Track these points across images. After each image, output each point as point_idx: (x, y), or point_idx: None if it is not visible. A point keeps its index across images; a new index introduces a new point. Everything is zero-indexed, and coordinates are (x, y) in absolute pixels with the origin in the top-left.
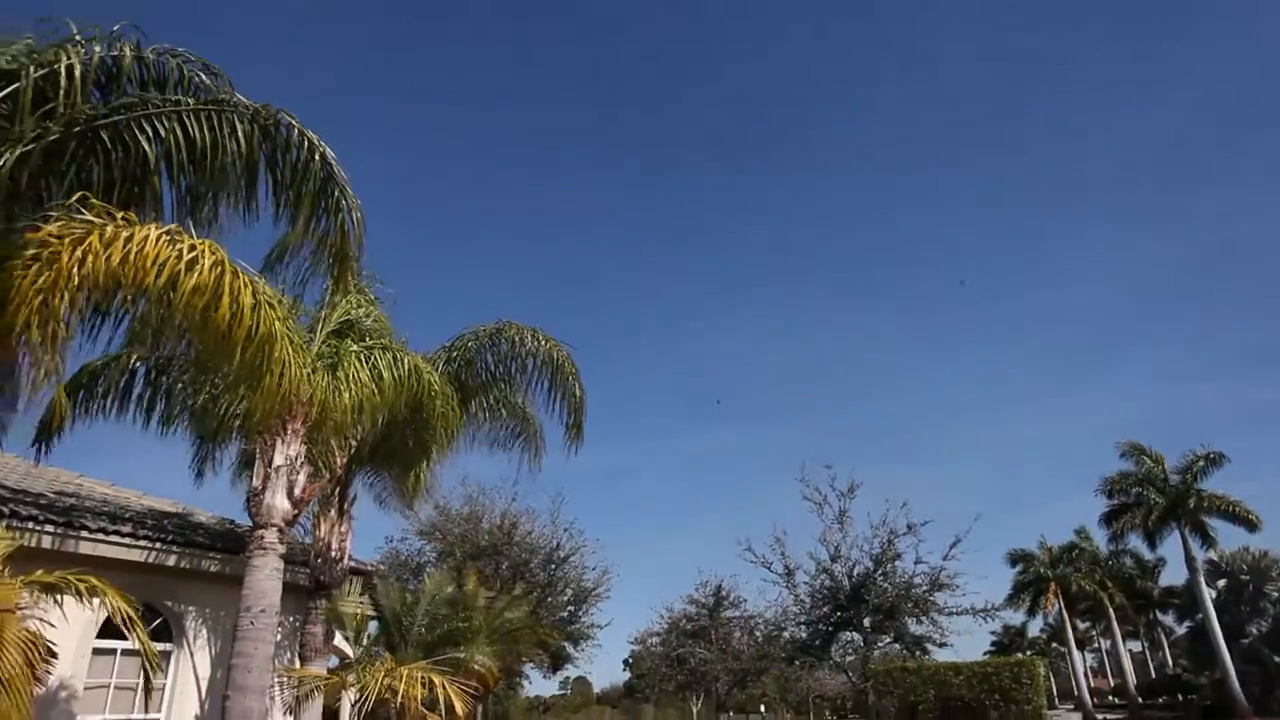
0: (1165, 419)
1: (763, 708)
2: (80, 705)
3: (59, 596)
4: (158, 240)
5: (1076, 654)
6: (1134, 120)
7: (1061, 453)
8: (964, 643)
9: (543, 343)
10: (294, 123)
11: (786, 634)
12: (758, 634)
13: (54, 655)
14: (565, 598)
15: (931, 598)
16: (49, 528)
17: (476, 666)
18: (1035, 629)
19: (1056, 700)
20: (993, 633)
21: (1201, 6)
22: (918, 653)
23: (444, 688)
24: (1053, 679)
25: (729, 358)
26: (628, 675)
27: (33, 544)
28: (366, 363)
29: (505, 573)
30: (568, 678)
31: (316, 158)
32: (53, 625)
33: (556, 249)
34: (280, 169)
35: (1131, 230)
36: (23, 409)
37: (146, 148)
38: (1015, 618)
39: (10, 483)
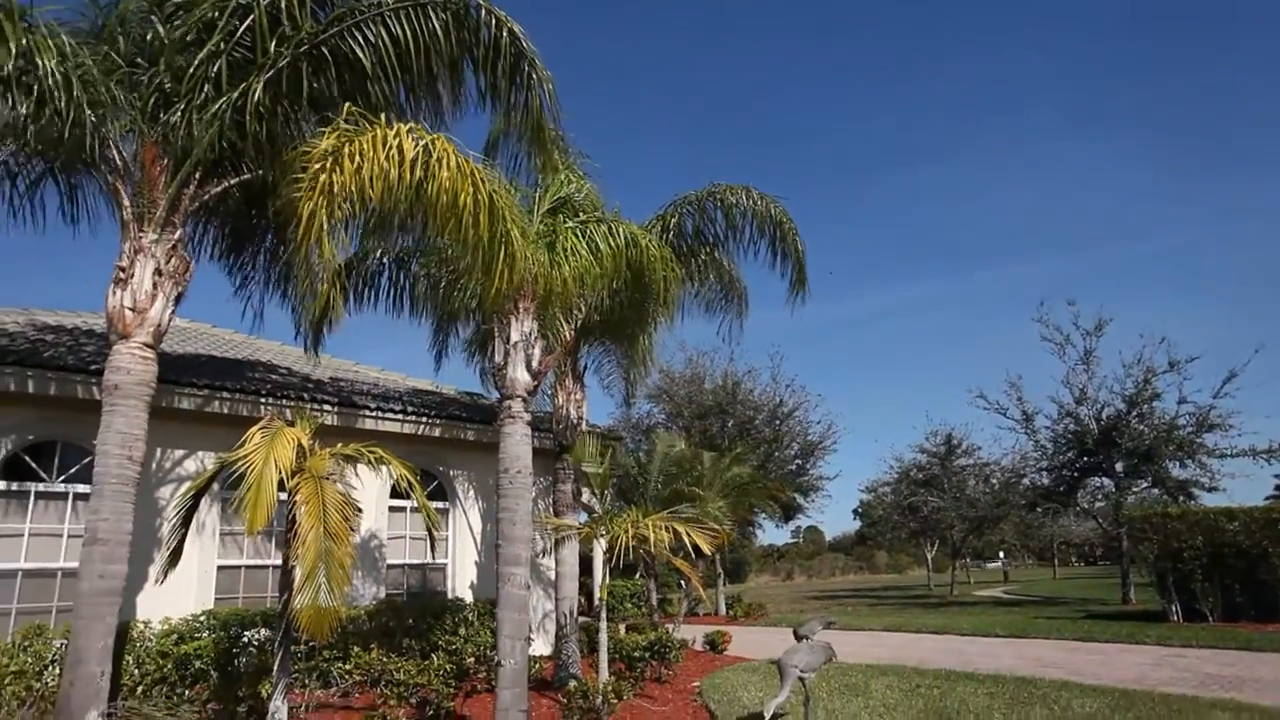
0: None
1: (1001, 554)
2: (385, 553)
3: (355, 465)
4: (410, 141)
5: None
6: None
7: None
8: (1240, 487)
9: (756, 200)
10: (481, 3)
11: (1026, 481)
12: (994, 481)
13: (360, 512)
14: (792, 452)
15: (1199, 439)
16: (338, 409)
17: (712, 518)
18: None
19: None
20: (1277, 475)
21: None
22: (1181, 498)
23: (686, 534)
24: None
25: (947, 201)
26: (859, 524)
27: (327, 423)
28: (583, 237)
29: (731, 430)
30: (799, 527)
31: (505, 34)
32: (355, 488)
33: (756, 106)
34: (475, 51)
35: None
36: (306, 301)
37: (362, 56)
38: None
39: (301, 372)
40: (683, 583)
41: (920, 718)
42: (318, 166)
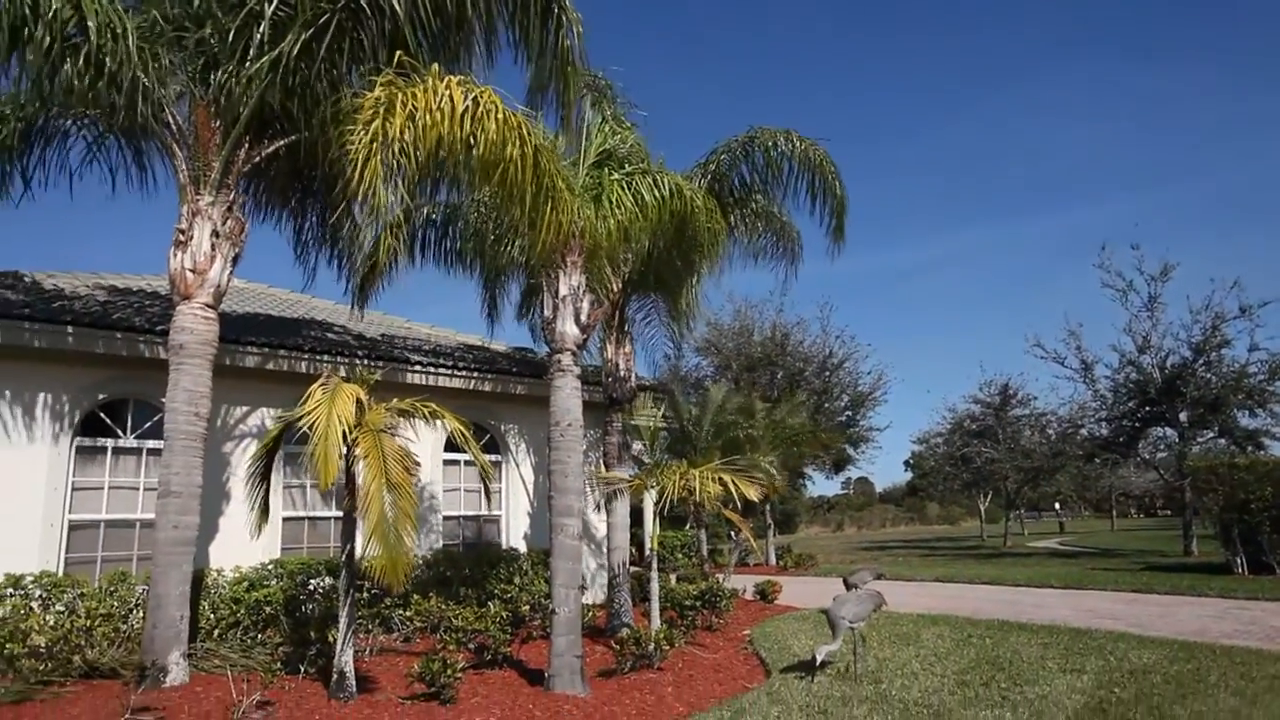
0: None
1: (1057, 505)
2: (441, 505)
3: (411, 420)
4: (459, 91)
5: None
6: None
7: None
8: None
9: (797, 144)
10: None
11: (1084, 431)
12: (1050, 432)
13: (418, 464)
14: (842, 403)
15: (1271, 387)
16: (392, 365)
17: (761, 471)
18: None
19: None
20: None
21: None
22: (1250, 448)
23: (735, 484)
24: None
25: (1003, 144)
26: (910, 476)
27: (381, 379)
28: (629, 189)
29: (781, 382)
30: (849, 479)
31: None
32: (411, 442)
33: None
34: None
35: None
36: (356, 258)
37: (396, 5)
38: None
39: (355, 330)
40: (733, 534)
41: (972, 667)
42: (370, 114)
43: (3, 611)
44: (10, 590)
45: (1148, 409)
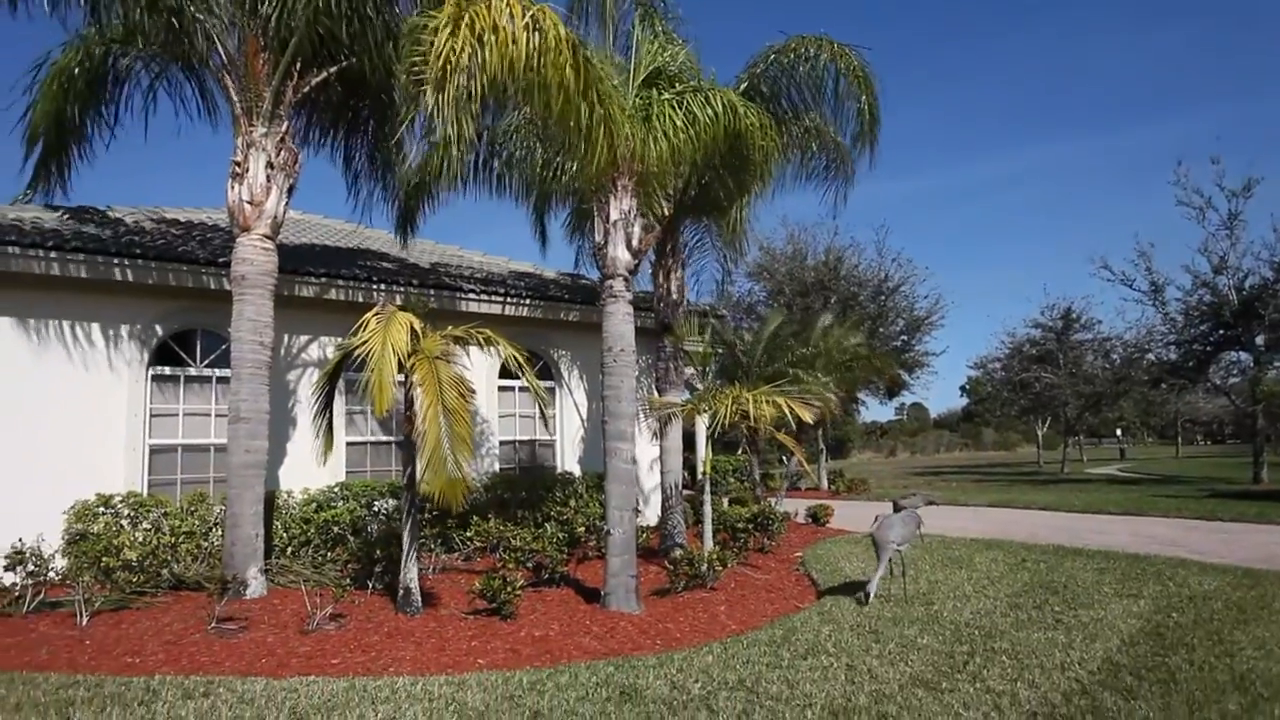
0: None
1: (1119, 431)
2: (496, 430)
3: (465, 347)
4: (519, 8)
5: None
6: None
7: None
8: None
9: (834, 52)
10: None
11: (1150, 356)
12: (1114, 357)
13: (473, 391)
14: (897, 328)
15: None
16: (444, 293)
17: (815, 394)
18: None
19: None
20: None
21: None
22: None
23: (788, 407)
24: None
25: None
26: (965, 401)
27: (435, 307)
28: (680, 109)
29: (834, 307)
30: (903, 404)
31: None
32: (466, 369)
33: None
34: None
35: None
36: (404, 186)
37: None
38: None
39: (408, 259)
40: (784, 458)
41: (1025, 590)
42: (443, 32)
43: (97, 528)
44: (102, 509)
45: (1221, 332)
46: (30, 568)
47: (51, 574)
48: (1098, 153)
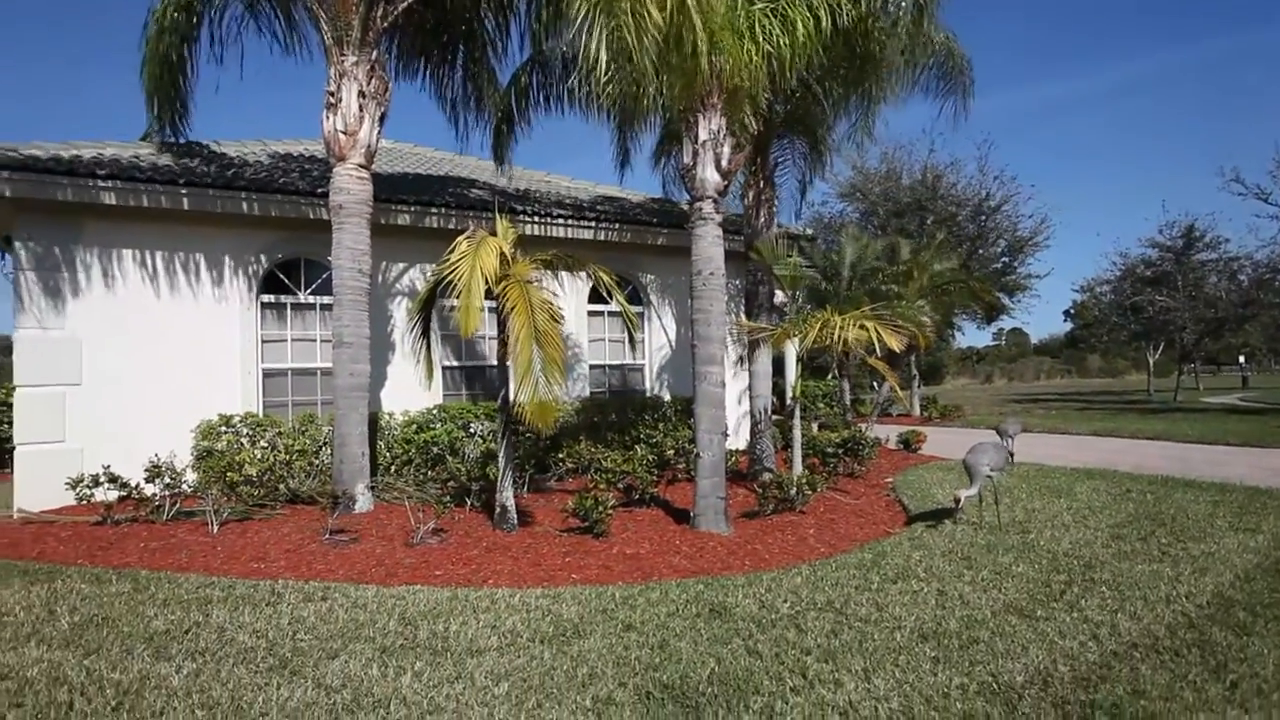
0: None
1: (1241, 359)
2: (587, 354)
3: (555, 271)
4: None
5: None
6: None
7: None
8: None
9: None
10: None
11: None
12: (1242, 278)
13: (563, 316)
14: (998, 249)
15: None
16: (534, 219)
17: (909, 319)
18: None
19: None
20: None
21: None
22: None
23: (878, 331)
24: None
25: None
26: (1069, 326)
27: (525, 232)
28: (776, 17)
29: (931, 228)
30: (1001, 329)
31: None
32: (557, 294)
33: None
34: None
35: None
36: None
37: None
38: None
39: (499, 185)
40: (876, 384)
41: (1129, 521)
42: None
43: (221, 445)
44: (224, 428)
45: None
46: (166, 480)
47: (185, 486)
48: (1228, 57)
